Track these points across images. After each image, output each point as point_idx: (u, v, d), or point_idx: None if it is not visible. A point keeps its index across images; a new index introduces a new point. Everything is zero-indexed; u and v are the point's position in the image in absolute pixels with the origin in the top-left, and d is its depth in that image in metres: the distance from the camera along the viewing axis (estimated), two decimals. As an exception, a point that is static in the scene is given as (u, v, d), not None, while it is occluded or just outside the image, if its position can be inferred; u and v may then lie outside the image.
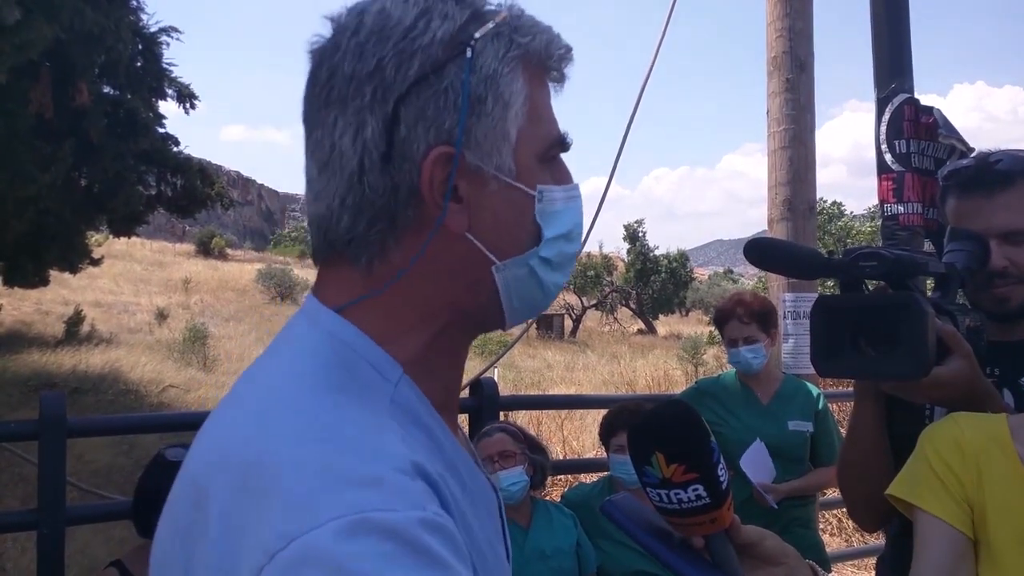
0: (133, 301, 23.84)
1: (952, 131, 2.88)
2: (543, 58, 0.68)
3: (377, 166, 0.63)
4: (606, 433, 2.79)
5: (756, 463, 2.78)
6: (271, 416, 0.58)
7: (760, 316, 2.91)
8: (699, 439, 0.74)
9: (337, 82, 0.64)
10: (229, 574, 0.50)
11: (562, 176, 0.71)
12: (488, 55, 0.64)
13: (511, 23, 0.66)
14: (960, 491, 1.14)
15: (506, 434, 2.65)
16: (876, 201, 3.18)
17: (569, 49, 0.70)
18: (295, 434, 0.55)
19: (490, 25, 0.65)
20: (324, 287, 0.68)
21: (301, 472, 0.52)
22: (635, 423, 0.77)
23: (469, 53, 0.63)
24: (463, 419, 3.08)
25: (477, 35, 0.64)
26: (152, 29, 10.51)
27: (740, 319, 2.89)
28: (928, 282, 1.48)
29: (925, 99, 3.03)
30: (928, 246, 2.87)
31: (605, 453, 2.85)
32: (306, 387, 0.60)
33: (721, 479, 0.75)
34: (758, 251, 1.31)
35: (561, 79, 0.71)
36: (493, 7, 0.67)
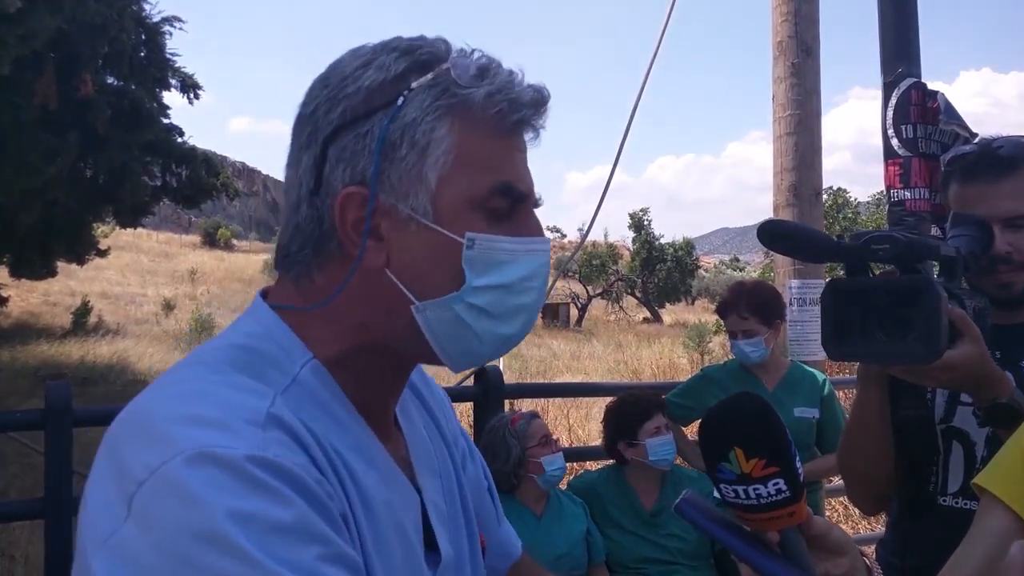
0: (140, 292, 23.95)
1: (954, 116, 2.85)
2: (485, 107, 0.69)
3: (307, 199, 0.71)
4: (636, 422, 2.74)
5: None
6: (169, 383, 0.68)
7: (760, 308, 2.89)
8: (778, 432, 0.73)
9: (296, 121, 0.74)
10: (111, 498, 0.58)
11: (523, 228, 0.73)
12: (414, 104, 0.69)
13: (457, 73, 0.69)
14: None
15: (541, 421, 2.68)
16: (881, 188, 3.17)
17: (530, 101, 0.71)
18: (174, 394, 0.65)
19: (428, 77, 0.69)
20: (273, 288, 0.77)
21: (167, 419, 0.61)
22: (707, 419, 0.75)
23: (400, 101, 0.68)
24: (467, 407, 3.09)
25: (413, 85, 0.69)
26: (155, 19, 10.49)
27: (739, 313, 2.89)
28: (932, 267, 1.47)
29: (931, 87, 2.99)
30: (935, 231, 2.85)
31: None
32: (207, 363, 0.69)
33: (799, 471, 0.74)
34: (770, 233, 1.30)
35: (520, 129, 0.73)
36: (442, 57, 0.70)
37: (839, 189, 25.30)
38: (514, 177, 0.72)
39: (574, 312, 32.94)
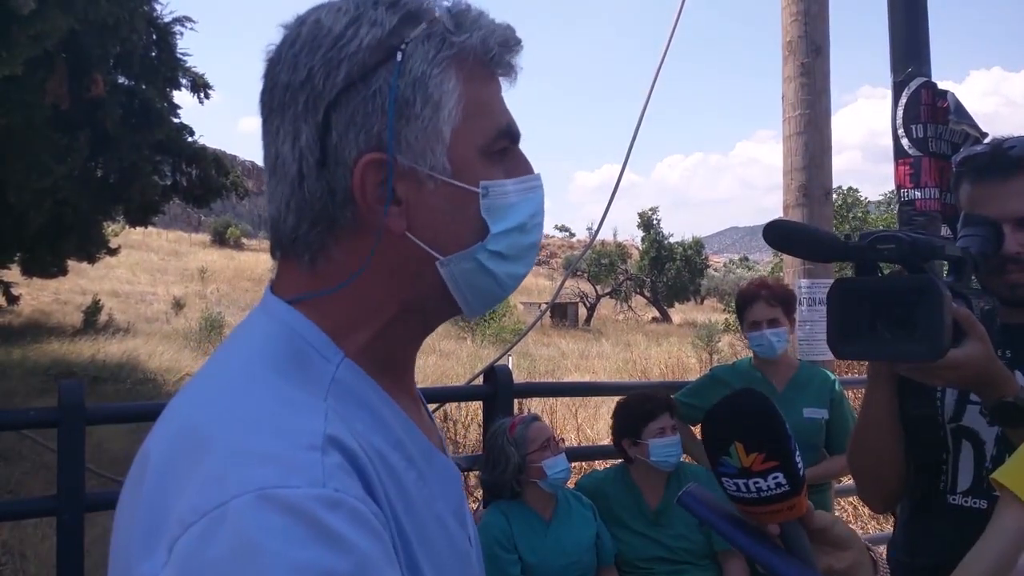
0: (150, 291, 24.07)
1: (964, 116, 2.84)
2: (481, 54, 0.68)
3: (314, 171, 0.66)
4: (641, 422, 2.74)
5: None
6: (212, 394, 0.63)
7: (784, 300, 2.93)
8: (778, 427, 0.74)
9: (276, 92, 0.68)
10: (154, 536, 0.54)
11: (517, 167, 0.72)
12: (418, 58, 0.65)
13: (446, 22, 0.67)
14: None
15: (541, 423, 2.66)
16: (891, 187, 3.16)
17: (513, 42, 0.70)
18: (224, 412, 0.60)
19: (422, 27, 0.66)
20: (279, 281, 0.72)
21: (219, 449, 0.56)
22: (709, 414, 0.76)
23: (399, 57, 0.65)
24: (477, 407, 3.10)
25: (408, 38, 0.65)
26: (166, 19, 10.52)
27: (767, 300, 2.89)
28: (943, 266, 1.47)
29: (940, 86, 2.98)
30: (946, 231, 2.84)
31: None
32: (248, 368, 0.65)
33: (799, 465, 0.75)
34: (777, 233, 1.30)
35: (508, 72, 0.72)
36: (429, 6, 0.68)
37: (849, 188, 25.20)
38: (509, 118, 0.72)
39: (583, 311, 32.90)
